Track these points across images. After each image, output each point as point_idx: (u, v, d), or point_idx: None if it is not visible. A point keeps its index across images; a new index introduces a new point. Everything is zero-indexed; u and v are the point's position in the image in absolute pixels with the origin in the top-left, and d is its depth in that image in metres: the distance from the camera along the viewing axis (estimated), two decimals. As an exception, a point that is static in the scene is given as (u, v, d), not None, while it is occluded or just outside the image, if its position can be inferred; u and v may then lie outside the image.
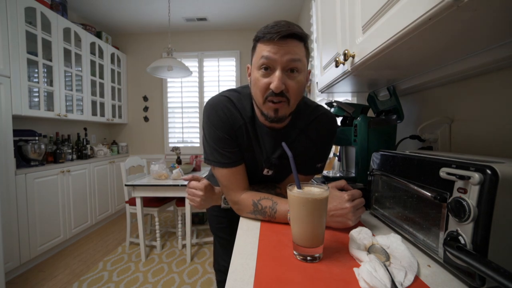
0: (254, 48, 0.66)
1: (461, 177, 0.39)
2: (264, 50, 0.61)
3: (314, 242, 0.48)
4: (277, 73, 0.60)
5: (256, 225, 0.68)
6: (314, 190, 0.52)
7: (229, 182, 0.75)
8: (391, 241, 0.52)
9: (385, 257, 0.48)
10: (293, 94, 0.64)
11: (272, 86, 0.61)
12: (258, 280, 0.43)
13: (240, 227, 0.67)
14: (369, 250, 0.51)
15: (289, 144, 0.76)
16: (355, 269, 0.44)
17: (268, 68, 0.62)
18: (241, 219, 0.73)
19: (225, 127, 0.73)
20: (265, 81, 0.62)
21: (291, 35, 0.60)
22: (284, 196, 0.90)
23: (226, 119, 0.72)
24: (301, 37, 0.62)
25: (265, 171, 0.82)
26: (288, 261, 0.49)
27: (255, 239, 0.59)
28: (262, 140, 0.76)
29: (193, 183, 0.83)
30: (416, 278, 0.43)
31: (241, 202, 0.73)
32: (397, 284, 0.38)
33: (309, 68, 0.70)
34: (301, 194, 0.49)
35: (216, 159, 0.74)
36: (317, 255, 0.49)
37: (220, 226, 1.03)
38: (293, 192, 0.50)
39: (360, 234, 0.55)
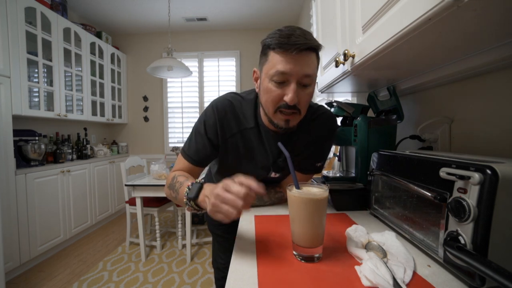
0: (265, 54, 0.64)
1: (461, 177, 0.39)
2: (279, 63, 0.59)
3: (314, 242, 0.48)
4: (292, 86, 0.60)
5: (253, 226, 0.68)
6: (314, 190, 0.52)
7: (179, 166, 0.78)
8: (385, 238, 0.53)
9: (382, 254, 0.48)
10: (304, 105, 0.65)
11: (286, 99, 0.61)
12: (262, 282, 0.43)
13: (240, 227, 0.67)
14: (366, 247, 0.51)
15: (290, 143, 0.77)
16: (356, 267, 0.44)
17: (283, 81, 0.61)
18: (240, 220, 0.73)
19: (213, 132, 0.74)
20: (279, 93, 0.62)
21: (307, 48, 0.58)
22: (285, 196, 0.91)
23: (220, 126, 0.74)
24: (316, 49, 0.61)
25: (273, 174, 0.83)
26: (289, 261, 0.49)
27: (253, 239, 0.59)
28: (268, 144, 0.76)
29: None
30: (415, 274, 0.43)
31: (168, 176, 0.76)
32: (398, 281, 0.38)
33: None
34: (302, 194, 0.49)
35: (187, 150, 0.77)
36: (316, 255, 0.49)
37: (216, 223, 1.03)
38: (293, 192, 0.50)
39: (356, 232, 0.55)
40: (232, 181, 0.49)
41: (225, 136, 0.74)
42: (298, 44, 0.57)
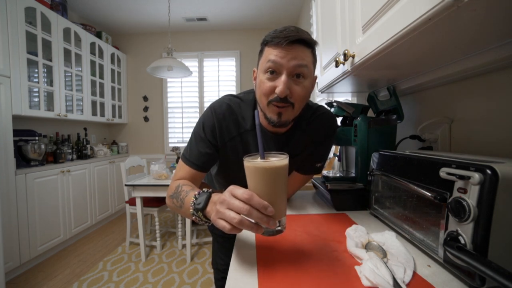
0: (261, 51, 0.66)
1: (461, 177, 0.39)
2: (271, 54, 0.60)
3: (276, 212, 0.46)
4: (283, 77, 0.60)
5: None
6: (272, 158, 0.50)
7: (180, 173, 0.74)
8: (385, 238, 0.53)
9: (382, 254, 0.48)
10: (298, 99, 0.63)
11: (277, 91, 0.60)
12: (262, 282, 0.43)
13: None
14: (366, 247, 0.51)
15: (290, 144, 0.77)
16: (356, 267, 0.44)
17: (274, 72, 0.61)
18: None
19: (213, 135, 0.73)
20: (270, 85, 0.62)
21: (299, 41, 0.59)
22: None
23: (219, 129, 0.73)
24: (309, 43, 0.61)
25: None
26: (290, 261, 0.49)
27: (253, 239, 0.59)
28: (267, 146, 0.76)
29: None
30: (415, 274, 0.43)
31: (171, 185, 0.71)
32: (398, 281, 0.38)
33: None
34: (257, 164, 0.46)
35: (188, 155, 0.74)
36: (279, 227, 0.48)
37: None
38: (250, 162, 0.47)
39: (356, 232, 0.55)
40: (239, 188, 0.46)
41: (225, 140, 0.74)
42: (289, 36, 0.58)
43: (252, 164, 0.47)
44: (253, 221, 0.45)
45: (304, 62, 0.60)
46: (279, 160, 0.47)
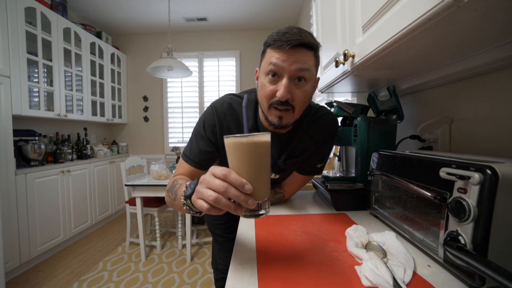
0: (263, 52, 0.66)
1: (461, 177, 0.39)
2: (273, 57, 0.60)
3: (257, 193, 0.43)
4: (284, 81, 0.60)
5: (253, 226, 0.68)
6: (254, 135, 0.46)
7: (180, 170, 0.74)
8: (386, 238, 0.53)
9: (382, 254, 0.48)
10: (299, 103, 0.63)
11: (278, 94, 0.61)
12: (262, 282, 0.43)
13: (240, 227, 0.67)
14: (366, 247, 0.51)
15: (291, 144, 0.77)
16: (356, 267, 0.44)
17: (275, 75, 0.61)
18: (240, 220, 0.73)
19: (213, 133, 0.73)
20: (272, 88, 0.62)
21: (301, 44, 0.59)
22: (285, 196, 0.91)
23: (219, 127, 0.73)
24: (312, 46, 0.61)
25: (272, 175, 0.83)
26: (289, 261, 0.49)
27: (253, 239, 0.59)
28: None
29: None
30: (415, 274, 0.43)
31: (169, 181, 0.71)
32: (398, 281, 0.38)
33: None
34: (237, 139, 0.43)
35: (188, 153, 0.74)
36: (262, 211, 0.45)
37: (216, 223, 1.03)
38: (229, 139, 0.44)
39: (356, 232, 0.55)
40: (219, 167, 0.44)
41: None
42: (292, 40, 0.58)
43: (231, 140, 0.44)
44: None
45: (306, 66, 0.60)
46: (259, 136, 0.44)
